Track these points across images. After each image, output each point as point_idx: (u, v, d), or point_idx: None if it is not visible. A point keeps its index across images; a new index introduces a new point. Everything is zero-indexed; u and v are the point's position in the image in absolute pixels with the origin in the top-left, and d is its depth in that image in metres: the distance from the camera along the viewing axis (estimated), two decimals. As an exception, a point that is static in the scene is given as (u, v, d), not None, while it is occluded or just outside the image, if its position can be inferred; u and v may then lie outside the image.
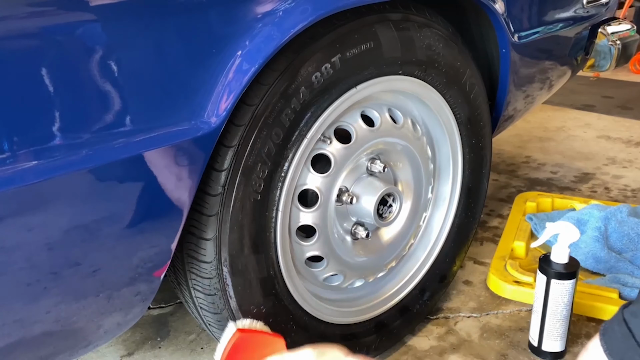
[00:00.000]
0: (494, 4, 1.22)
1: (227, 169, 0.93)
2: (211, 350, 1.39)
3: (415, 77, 1.17)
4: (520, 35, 1.35)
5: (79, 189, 0.74)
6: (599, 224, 1.69)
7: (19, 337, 0.79)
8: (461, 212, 1.42)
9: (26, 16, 0.65)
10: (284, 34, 0.87)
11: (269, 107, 0.94)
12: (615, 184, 2.31)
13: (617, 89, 3.73)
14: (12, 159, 0.67)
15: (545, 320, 1.30)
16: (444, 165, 1.38)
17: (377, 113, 1.17)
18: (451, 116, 1.29)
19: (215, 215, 0.94)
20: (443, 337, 1.43)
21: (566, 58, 1.64)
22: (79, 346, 0.89)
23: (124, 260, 0.84)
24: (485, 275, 1.65)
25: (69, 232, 0.75)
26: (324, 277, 1.20)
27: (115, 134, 0.75)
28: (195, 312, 1.10)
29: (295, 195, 1.07)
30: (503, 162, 2.57)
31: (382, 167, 1.18)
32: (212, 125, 0.84)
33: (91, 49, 0.70)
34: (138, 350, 1.41)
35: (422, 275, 1.39)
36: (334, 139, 1.10)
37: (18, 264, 0.73)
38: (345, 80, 1.03)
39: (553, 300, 1.27)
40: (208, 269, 0.98)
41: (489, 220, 2.02)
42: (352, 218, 1.20)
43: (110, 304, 0.87)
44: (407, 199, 1.31)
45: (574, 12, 1.55)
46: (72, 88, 0.70)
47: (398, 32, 1.09)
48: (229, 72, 0.84)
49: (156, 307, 1.56)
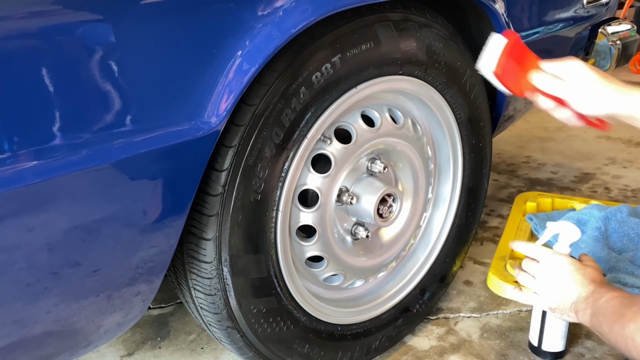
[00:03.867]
0: (494, 4, 1.22)
1: (228, 169, 0.93)
2: (211, 350, 1.39)
3: (415, 77, 1.17)
4: (520, 35, 1.34)
5: (79, 189, 0.74)
6: (599, 224, 1.69)
7: (19, 337, 0.79)
8: (461, 212, 1.42)
9: (26, 16, 0.65)
10: (284, 34, 0.87)
11: (269, 107, 0.94)
12: (615, 184, 2.31)
13: (617, 89, 3.73)
14: (12, 159, 0.67)
15: (545, 320, 1.30)
16: (444, 165, 1.38)
17: (377, 113, 1.17)
18: (451, 116, 1.29)
19: (216, 215, 0.94)
20: (443, 337, 1.43)
21: (566, 58, 1.64)
22: (79, 346, 0.89)
23: (124, 260, 0.84)
24: (485, 275, 1.65)
25: (69, 232, 0.75)
26: (324, 277, 1.20)
27: (115, 134, 0.75)
28: (195, 312, 1.10)
29: (296, 195, 1.07)
30: (503, 162, 2.57)
31: (382, 167, 1.18)
32: (212, 125, 0.84)
33: (91, 49, 0.70)
34: (138, 350, 1.41)
35: (422, 275, 1.39)
36: (334, 139, 1.10)
37: (18, 264, 0.73)
38: (345, 80, 1.03)
39: None
40: (208, 269, 0.98)
41: (489, 220, 2.02)
42: (352, 218, 1.20)
43: (110, 304, 0.87)
44: (407, 199, 1.31)
45: (574, 12, 1.55)
46: (72, 88, 0.70)
47: (398, 32, 1.09)
48: (229, 72, 0.84)
49: (156, 307, 1.56)
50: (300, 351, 1.15)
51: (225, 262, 0.98)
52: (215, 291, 1.00)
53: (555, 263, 1.09)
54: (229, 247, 0.97)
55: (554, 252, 1.11)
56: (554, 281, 1.08)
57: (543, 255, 1.11)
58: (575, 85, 0.98)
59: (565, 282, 1.06)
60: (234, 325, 1.05)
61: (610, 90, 0.97)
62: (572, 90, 0.98)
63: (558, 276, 1.07)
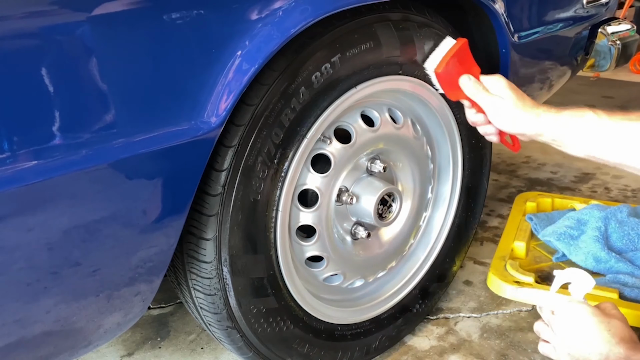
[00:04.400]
0: (494, 4, 1.22)
1: (227, 169, 0.93)
2: (211, 350, 1.39)
3: (415, 77, 1.17)
4: (520, 35, 1.34)
5: (79, 189, 0.74)
6: (599, 224, 1.69)
7: (19, 337, 0.79)
8: (461, 212, 1.42)
9: (26, 16, 0.65)
10: (283, 34, 0.87)
11: (269, 107, 0.94)
12: (615, 184, 2.31)
13: (617, 89, 3.73)
14: (12, 159, 0.67)
15: None
16: (444, 165, 1.38)
17: (377, 113, 1.17)
18: (451, 116, 1.29)
19: (216, 215, 0.94)
20: (443, 337, 1.43)
21: (566, 58, 1.64)
22: (79, 346, 0.89)
23: (124, 260, 0.84)
24: (485, 275, 1.65)
25: (68, 232, 0.75)
26: (324, 277, 1.20)
27: (115, 134, 0.75)
28: (195, 312, 1.10)
29: (295, 195, 1.07)
30: (503, 162, 2.57)
31: (382, 167, 1.18)
32: (212, 125, 0.84)
33: (91, 49, 0.70)
34: (138, 350, 1.41)
35: (422, 275, 1.39)
36: (334, 139, 1.10)
37: (18, 264, 0.73)
38: (345, 80, 1.03)
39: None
40: (208, 269, 0.98)
41: (489, 220, 2.02)
42: (352, 218, 1.20)
43: (110, 304, 0.87)
44: (407, 199, 1.31)
45: (574, 12, 1.55)
46: (72, 88, 0.70)
47: (398, 32, 1.09)
48: (228, 72, 0.84)
49: (156, 307, 1.56)
50: (300, 351, 1.15)
51: (225, 262, 0.98)
52: (215, 291, 1.00)
53: (574, 313, 0.95)
54: (228, 247, 0.97)
55: (571, 300, 0.98)
56: (573, 334, 0.94)
57: (558, 305, 0.98)
58: (495, 99, 1.00)
59: (587, 337, 0.93)
60: (234, 325, 1.05)
61: (520, 111, 0.98)
62: (491, 101, 1.00)
63: (579, 329, 0.94)
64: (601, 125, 0.92)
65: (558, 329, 0.97)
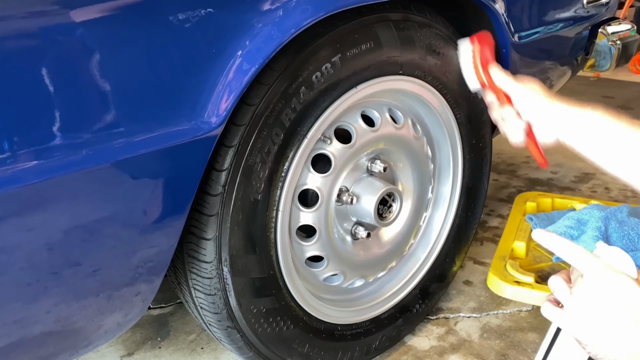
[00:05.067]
0: (494, 4, 1.22)
1: (228, 168, 0.93)
2: (211, 350, 1.39)
3: (415, 77, 1.16)
4: (520, 35, 1.34)
5: (79, 189, 0.74)
6: (599, 224, 1.69)
7: (19, 337, 0.79)
8: (461, 212, 1.42)
9: (26, 16, 0.65)
10: (284, 33, 0.87)
11: (269, 107, 0.94)
12: (615, 184, 2.31)
13: (617, 89, 3.73)
14: (12, 159, 0.67)
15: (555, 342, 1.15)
16: (444, 165, 1.38)
17: (377, 113, 1.17)
18: (451, 116, 1.29)
19: (216, 215, 0.94)
20: (443, 337, 1.43)
21: (566, 58, 1.64)
22: (79, 346, 0.89)
23: (124, 260, 0.84)
24: (485, 275, 1.65)
25: (69, 232, 0.75)
26: (324, 277, 1.20)
27: (115, 134, 0.75)
28: (195, 312, 1.10)
29: (296, 195, 1.07)
30: (503, 162, 2.57)
31: (382, 167, 1.18)
32: (212, 125, 0.84)
33: (91, 49, 0.70)
34: (138, 350, 1.41)
35: (422, 275, 1.39)
36: (334, 138, 1.10)
37: (18, 264, 0.73)
38: (345, 80, 1.03)
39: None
40: (208, 269, 0.98)
41: (489, 220, 2.02)
42: (352, 218, 1.20)
43: (110, 304, 0.87)
44: (407, 199, 1.31)
45: (574, 12, 1.55)
46: (73, 88, 0.70)
47: (398, 32, 1.09)
48: (229, 72, 0.84)
49: (156, 307, 1.56)
50: (300, 351, 1.15)
51: (225, 262, 0.98)
52: (215, 291, 1.00)
53: (611, 283, 0.68)
54: (229, 247, 0.97)
55: (609, 267, 0.70)
56: (600, 309, 0.68)
57: (592, 268, 0.70)
58: (522, 85, 1.03)
59: (621, 318, 0.67)
60: (234, 325, 1.05)
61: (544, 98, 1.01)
62: (519, 87, 1.04)
63: (611, 305, 0.68)
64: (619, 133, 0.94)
65: (580, 295, 0.71)
